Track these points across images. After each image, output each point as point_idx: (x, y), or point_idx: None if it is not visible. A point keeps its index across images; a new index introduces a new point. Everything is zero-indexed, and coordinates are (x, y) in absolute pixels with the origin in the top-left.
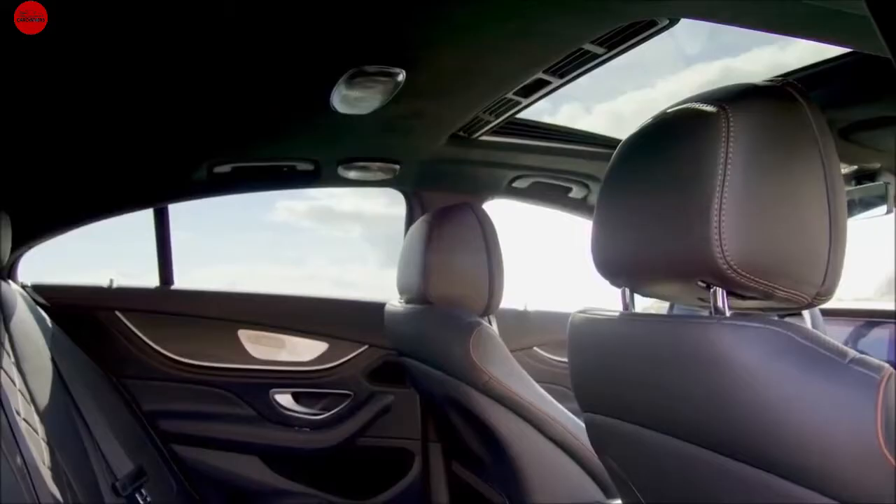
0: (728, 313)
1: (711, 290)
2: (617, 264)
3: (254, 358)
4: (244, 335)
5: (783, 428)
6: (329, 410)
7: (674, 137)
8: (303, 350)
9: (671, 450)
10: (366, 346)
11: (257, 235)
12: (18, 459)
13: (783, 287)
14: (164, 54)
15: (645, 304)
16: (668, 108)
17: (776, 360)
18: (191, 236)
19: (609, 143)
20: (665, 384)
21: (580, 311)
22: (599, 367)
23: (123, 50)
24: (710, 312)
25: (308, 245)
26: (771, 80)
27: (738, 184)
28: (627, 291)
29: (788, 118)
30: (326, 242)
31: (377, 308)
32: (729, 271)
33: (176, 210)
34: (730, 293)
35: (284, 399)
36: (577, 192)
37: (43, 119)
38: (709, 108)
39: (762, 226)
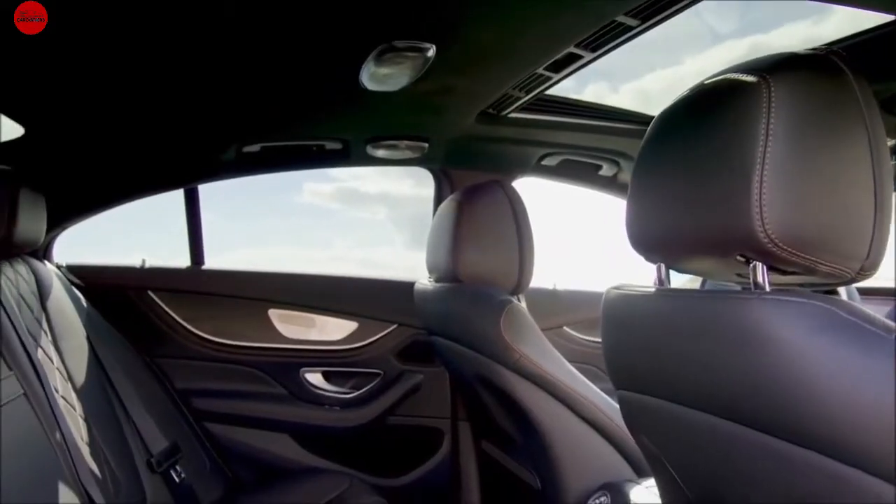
0: (768, 289)
1: (751, 265)
2: (652, 239)
3: (284, 337)
4: (274, 314)
5: (827, 404)
6: (359, 389)
7: (712, 109)
8: (332, 329)
9: (708, 427)
10: (395, 326)
11: (283, 218)
12: (58, 435)
13: (826, 261)
14: (193, 35)
15: (676, 283)
16: (706, 79)
17: (820, 336)
18: (215, 219)
19: (640, 119)
20: (702, 360)
21: (614, 288)
22: (634, 344)
23: (153, 31)
24: (751, 288)
25: (334, 227)
26: (814, 49)
27: (779, 156)
28: (663, 267)
29: (832, 88)
30: (353, 224)
31: (406, 287)
32: (770, 245)
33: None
34: (770, 268)
35: (315, 378)
36: (607, 170)
37: (75, 102)
38: (749, 79)
39: (804, 198)
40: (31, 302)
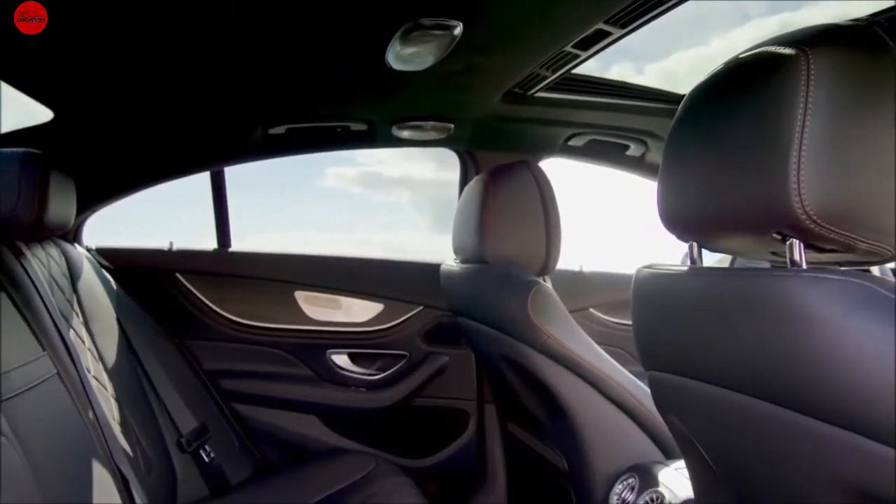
0: (805, 267)
1: (788, 243)
2: (685, 218)
3: (310, 319)
4: (301, 296)
5: (864, 383)
6: (385, 371)
7: (748, 83)
8: (358, 311)
9: (740, 407)
10: (421, 307)
11: (306, 202)
12: (90, 414)
13: (866, 239)
14: (218, 16)
15: (706, 263)
16: (741, 52)
17: (858, 313)
18: (240, 203)
19: (669, 98)
20: (737, 339)
21: (645, 267)
22: (666, 324)
23: (179, 14)
24: (786, 266)
25: (357, 211)
26: (855, 20)
27: (818, 130)
28: (695, 246)
29: (875, 61)
30: (376, 208)
31: (432, 269)
32: (808, 222)
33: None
34: (807, 246)
35: (341, 359)
36: (634, 150)
37: (102, 86)
38: (787, 51)
39: (844, 175)
40: (63, 284)
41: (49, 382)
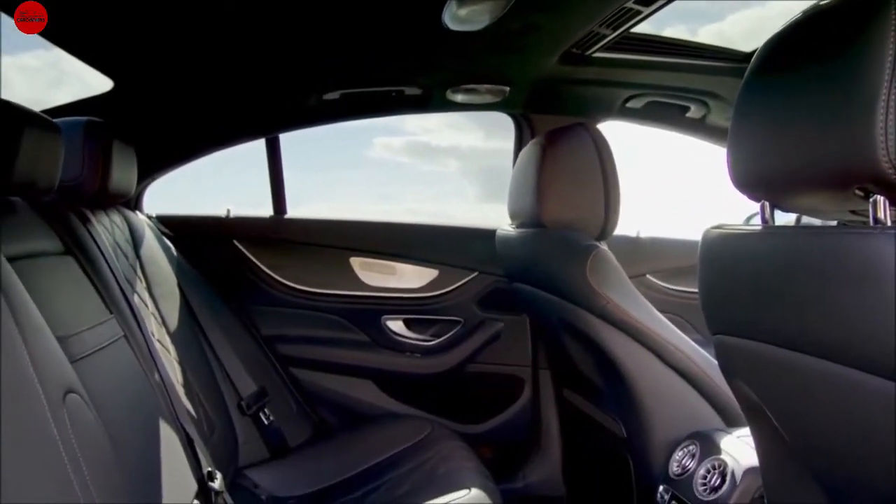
0: (889, 224)
1: (871, 200)
2: (758, 175)
3: (365, 285)
4: (356, 262)
5: None
6: (440, 337)
7: (830, 31)
8: (413, 277)
9: (817, 371)
10: (476, 273)
11: (355, 172)
12: (156, 376)
13: None
14: None
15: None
16: (821, 0)
17: None
18: (287, 175)
19: (732, 56)
20: (814, 300)
21: (714, 227)
22: (737, 286)
23: None
24: (869, 224)
25: (405, 181)
26: None
27: None
28: (767, 205)
29: None
30: (423, 178)
31: (487, 235)
32: (895, 176)
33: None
34: (892, 203)
35: (396, 325)
36: (695, 112)
37: (161, 55)
38: None
39: None
40: (126, 250)
41: (117, 345)
